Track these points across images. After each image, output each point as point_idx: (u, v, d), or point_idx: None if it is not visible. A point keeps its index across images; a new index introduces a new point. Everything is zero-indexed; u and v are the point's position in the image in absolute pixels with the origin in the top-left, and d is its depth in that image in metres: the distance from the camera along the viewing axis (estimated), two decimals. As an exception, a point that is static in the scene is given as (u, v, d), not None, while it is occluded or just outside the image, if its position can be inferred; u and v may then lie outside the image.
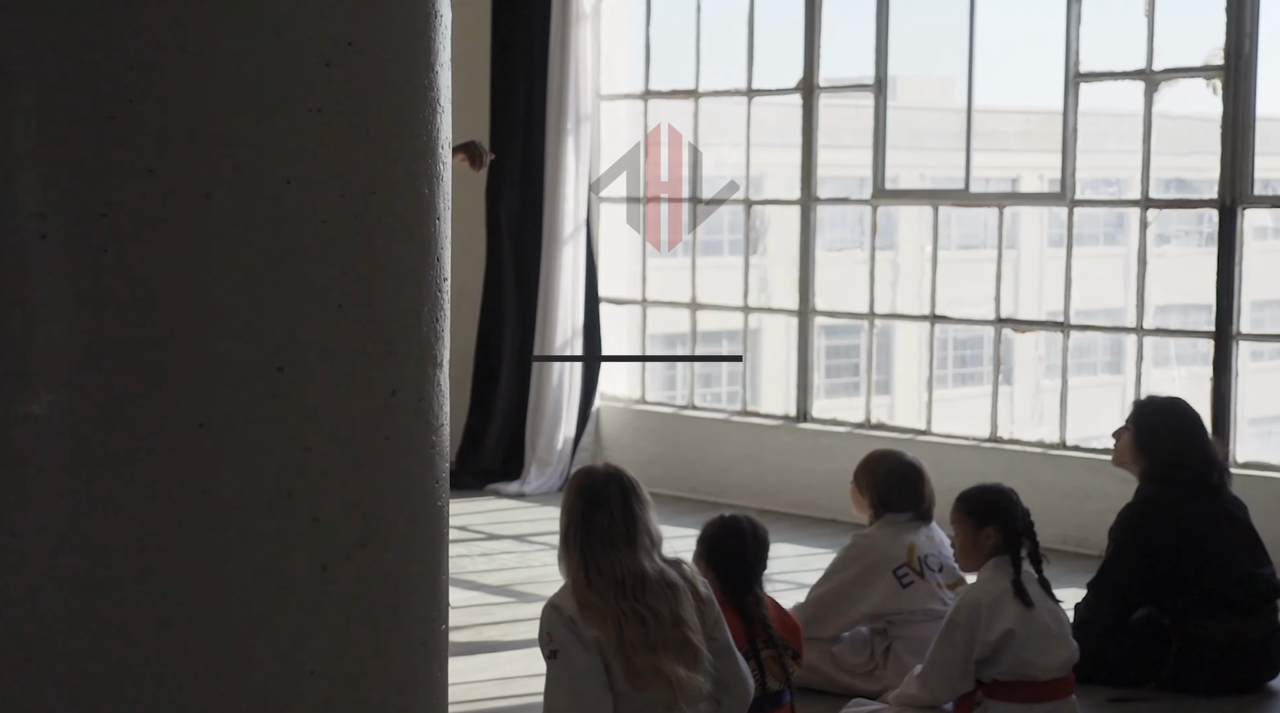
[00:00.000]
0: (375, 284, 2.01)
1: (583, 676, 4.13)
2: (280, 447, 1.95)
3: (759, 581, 4.90)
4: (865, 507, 5.66)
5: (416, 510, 2.09)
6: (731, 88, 9.31)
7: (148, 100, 1.88)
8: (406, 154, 2.04)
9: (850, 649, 5.57)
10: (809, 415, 8.99)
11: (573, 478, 4.42)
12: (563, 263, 9.35)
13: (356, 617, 2.02)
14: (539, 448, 9.43)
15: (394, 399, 2.04)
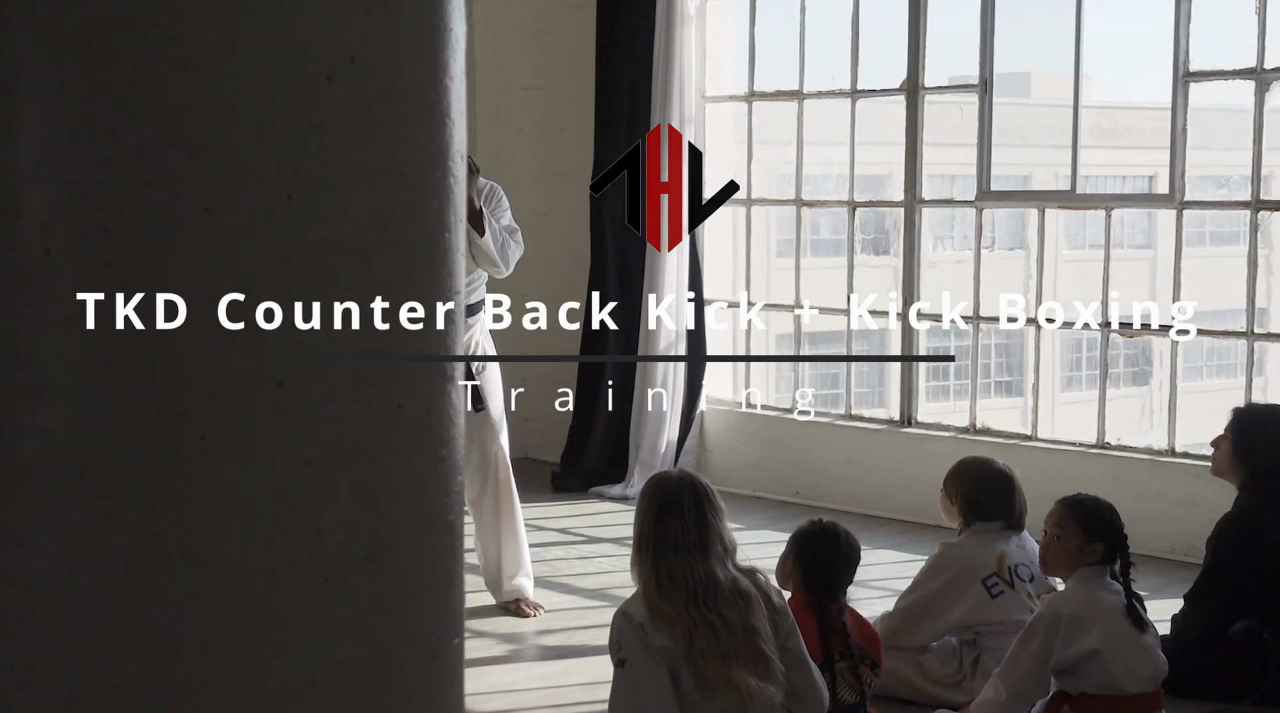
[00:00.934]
0: (384, 298, 2.00)
1: (649, 687, 4.11)
2: (282, 460, 1.95)
3: (843, 590, 4.86)
4: (955, 515, 5.59)
5: (424, 524, 2.07)
6: (836, 89, 9.23)
7: (149, 115, 1.88)
8: (412, 168, 2.02)
9: (938, 660, 5.51)
10: (913, 420, 8.91)
11: (647, 484, 4.41)
12: (667, 265, 9.33)
13: (361, 631, 2.02)
14: (643, 451, 9.42)
15: (400, 413, 2.03)
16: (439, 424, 2.09)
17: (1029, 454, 8.32)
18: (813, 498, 9.13)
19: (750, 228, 9.75)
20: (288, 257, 1.94)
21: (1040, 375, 8.80)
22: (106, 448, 1.91)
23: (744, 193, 9.70)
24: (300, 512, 1.96)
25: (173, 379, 1.91)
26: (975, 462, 5.68)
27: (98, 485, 1.91)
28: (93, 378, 1.91)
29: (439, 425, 2.09)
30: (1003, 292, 8.59)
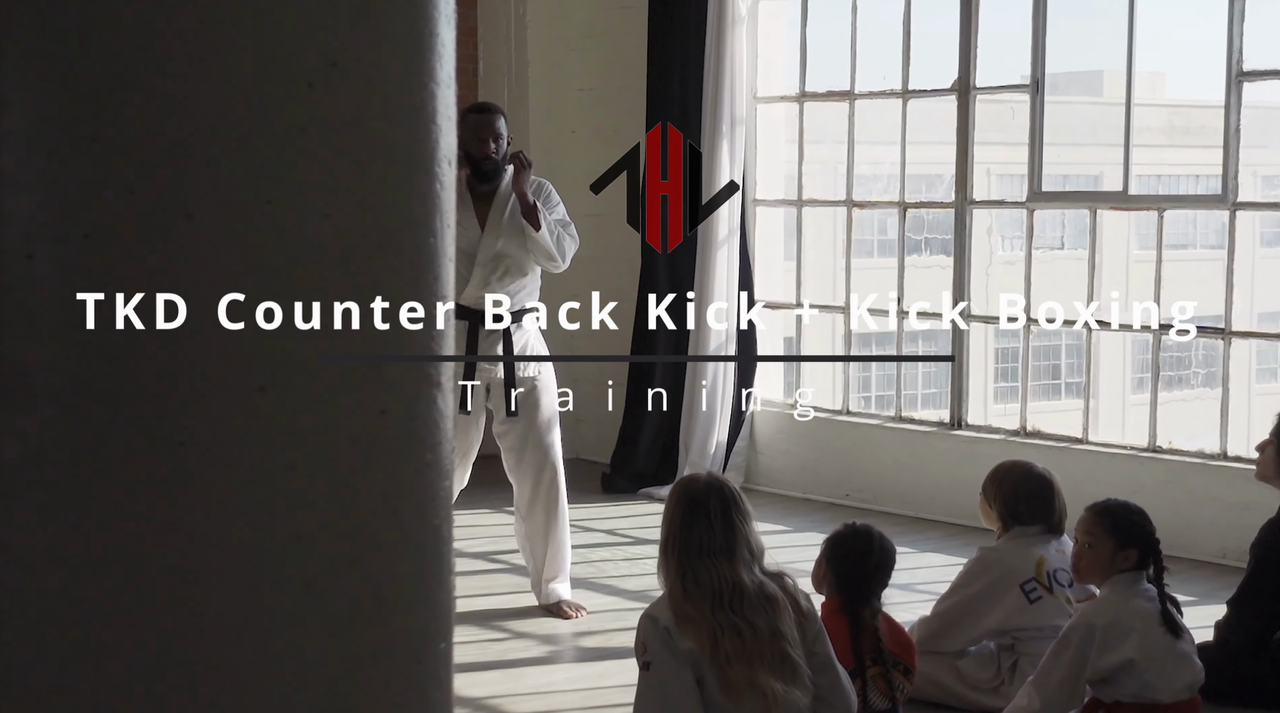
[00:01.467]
0: (365, 304, 2.00)
1: (673, 690, 4.11)
2: (262, 465, 1.96)
3: (876, 595, 4.83)
4: (994, 519, 5.55)
5: (408, 529, 2.08)
6: (887, 89, 9.19)
7: (129, 121, 1.89)
8: (395, 173, 2.03)
9: (976, 665, 5.47)
10: (963, 422, 8.85)
11: (674, 487, 4.40)
12: (717, 266, 9.32)
13: (343, 635, 2.02)
14: (692, 451, 9.41)
15: (382, 418, 2.03)
16: (424, 429, 2.09)
17: (1080, 457, 8.26)
18: (863, 500, 9.10)
19: (801, 228, 9.72)
20: (268, 262, 1.95)
21: (1103, 377, 8.73)
22: (87, 452, 1.92)
23: (795, 193, 9.68)
24: (281, 516, 1.97)
25: (153, 383, 1.92)
26: (1014, 465, 5.64)
27: (78, 489, 1.93)
28: (74, 382, 1.92)
29: (424, 430, 2.09)
30: (1054, 293, 8.53)
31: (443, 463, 2.14)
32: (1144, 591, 4.84)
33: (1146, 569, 4.82)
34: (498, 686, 5.83)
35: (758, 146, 9.62)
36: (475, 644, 6.39)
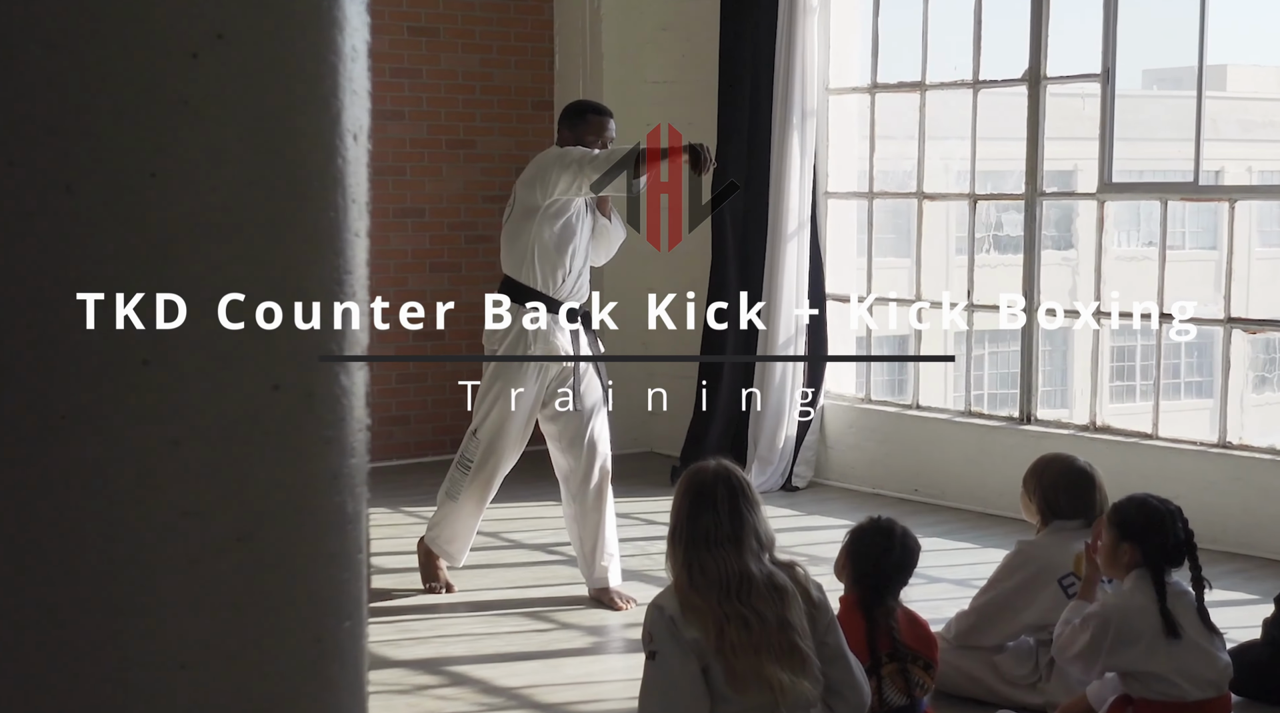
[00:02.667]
0: (250, 278, 1.99)
1: (678, 679, 4.07)
2: (147, 440, 1.95)
3: (894, 592, 4.76)
4: (1033, 513, 5.46)
5: (304, 506, 2.06)
6: (958, 79, 9.08)
7: (8, 93, 1.89)
8: (289, 147, 2.01)
9: (1013, 660, 5.38)
10: (1032, 417, 8.73)
11: (683, 475, 4.36)
12: (786, 259, 9.26)
13: (233, 612, 2.01)
14: (760, 446, 9.35)
15: (275, 393, 2.02)
16: (322, 406, 2.07)
17: (1149, 453, 8.12)
18: (931, 496, 9.00)
19: (872, 221, 9.62)
20: (152, 234, 1.94)
21: (1159, 372, 8.56)
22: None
23: (865, 186, 9.59)
24: (166, 492, 1.96)
25: (32, 357, 1.92)
26: (1055, 458, 5.54)
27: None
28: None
29: (322, 407, 2.07)
30: (1124, 291, 8.38)
31: (348, 440, 2.12)
32: (1172, 586, 4.74)
33: (1160, 573, 4.71)
34: (535, 676, 5.82)
35: (829, 138, 9.55)
36: (520, 635, 6.38)
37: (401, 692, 5.67)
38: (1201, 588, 4.78)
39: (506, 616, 6.66)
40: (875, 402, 9.55)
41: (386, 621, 6.54)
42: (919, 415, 9.25)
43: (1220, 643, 4.79)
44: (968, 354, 9.21)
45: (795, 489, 9.33)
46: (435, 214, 10.35)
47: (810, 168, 9.30)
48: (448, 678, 5.82)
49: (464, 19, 10.39)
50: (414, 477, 9.48)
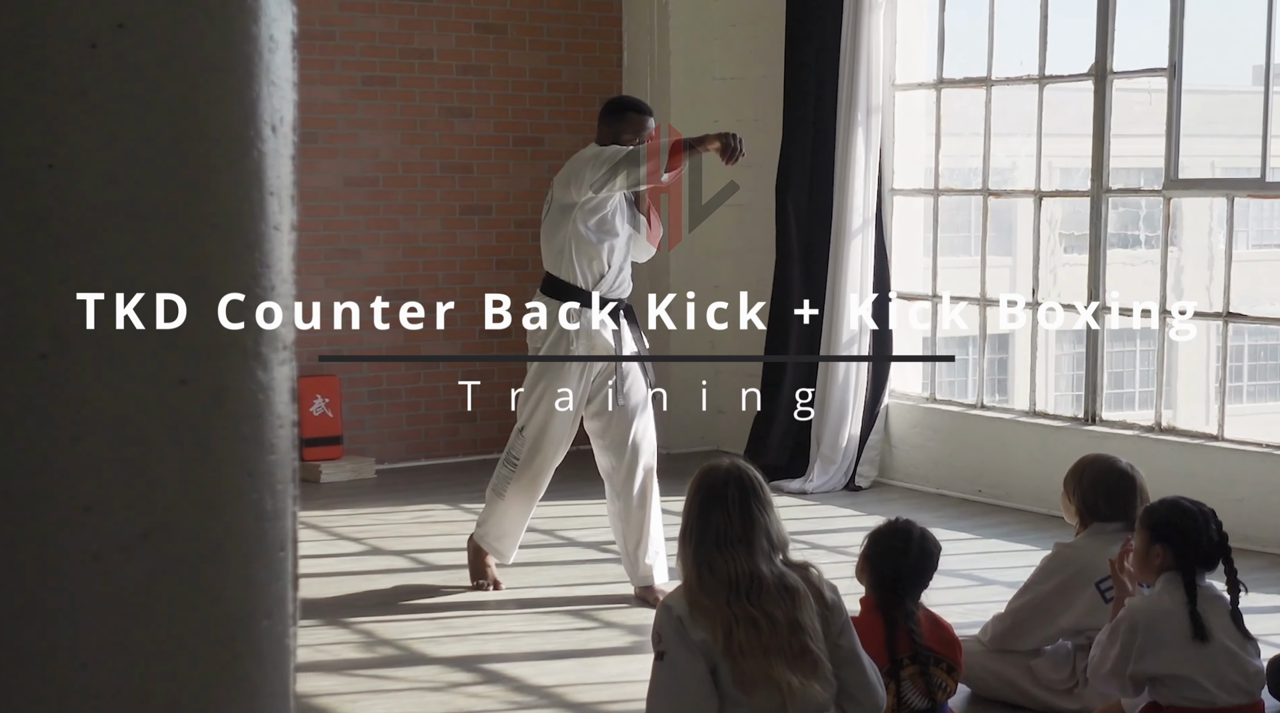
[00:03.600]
0: (153, 271, 1.95)
1: (686, 680, 4.02)
2: (45, 436, 1.91)
3: (913, 594, 4.69)
4: (1072, 515, 5.36)
5: (213, 503, 2.02)
6: (1023, 74, 8.95)
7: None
8: (196, 139, 1.97)
9: (1050, 664, 5.29)
10: (1097, 418, 8.59)
11: (696, 474, 4.30)
12: (850, 256, 9.17)
13: (137, 610, 1.97)
14: (824, 445, 9.27)
15: (183, 388, 1.98)
16: (235, 402, 2.04)
17: (1213, 455, 7.97)
18: (995, 496, 8.89)
19: (938, 219, 9.51)
20: (51, 227, 1.91)
21: (1226, 372, 8.38)
22: None
23: (931, 182, 9.47)
24: (66, 488, 1.93)
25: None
26: (1096, 459, 5.43)
27: None
28: None
29: (235, 404, 2.04)
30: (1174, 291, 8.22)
31: (266, 437, 2.09)
32: (1204, 589, 4.62)
33: (1191, 576, 4.60)
34: (570, 674, 5.79)
35: (895, 134, 9.45)
36: (560, 633, 6.35)
37: (434, 689, 5.66)
38: (1236, 592, 4.66)
39: (550, 613, 6.64)
40: (940, 401, 9.44)
41: (429, 617, 6.54)
42: (984, 415, 9.13)
43: (1254, 648, 4.67)
44: (1032, 353, 9.07)
45: (859, 489, 9.25)
46: (502, 211, 10.35)
47: (875, 164, 9.21)
48: (482, 676, 5.80)
49: (532, 16, 10.38)
50: (478, 473, 9.48)
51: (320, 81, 9.73)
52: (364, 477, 9.58)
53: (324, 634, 6.28)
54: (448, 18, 10.11)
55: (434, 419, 10.15)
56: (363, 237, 9.92)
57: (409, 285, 10.05)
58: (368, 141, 9.91)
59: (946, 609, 6.54)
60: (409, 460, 10.07)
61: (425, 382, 10.14)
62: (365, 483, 9.47)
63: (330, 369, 9.75)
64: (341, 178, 9.84)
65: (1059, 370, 22.18)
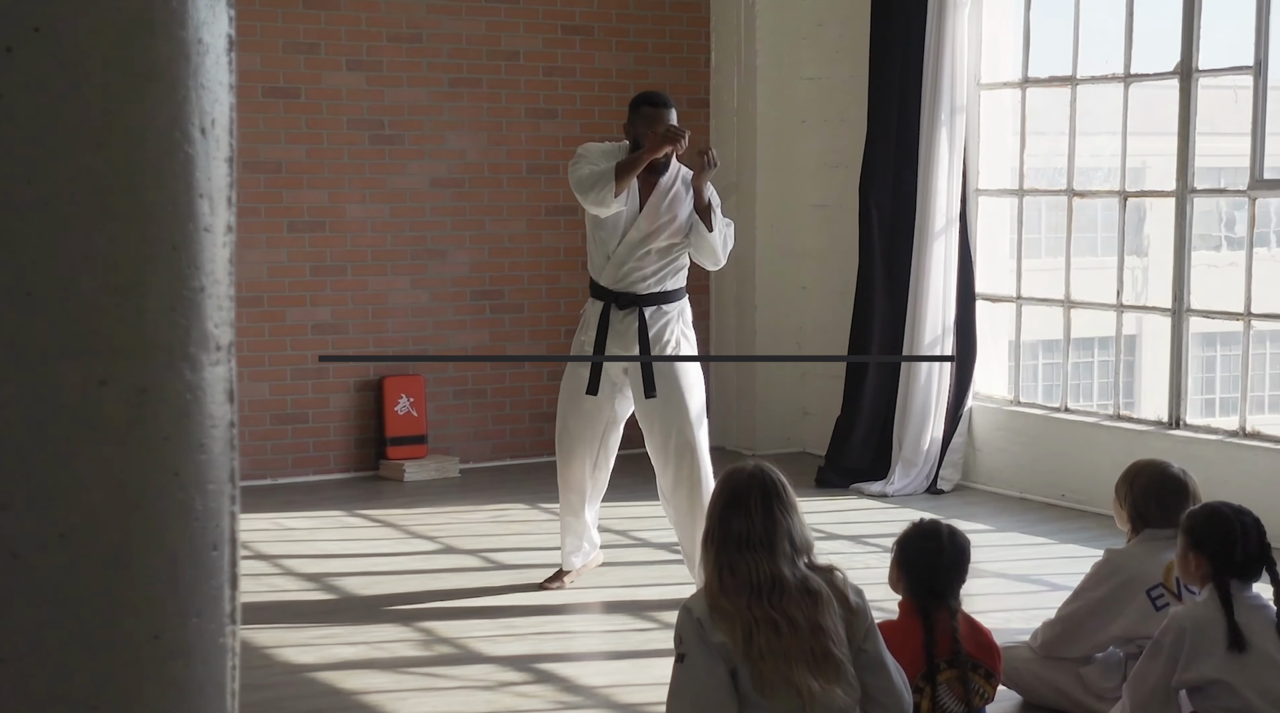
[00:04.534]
0: (75, 273, 1.97)
1: (705, 683, 4.01)
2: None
3: (952, 593, 4.64)
4: (1124, 521, 5.27)
5: (137, 503, 2.04)
6: (1109, 73, 8.82)
7: None
8: (117, 142, 1.99)
9: (1100, 672, 5.21)
10: (1182, 422, 8.45)
11: (720, 476, 4.29)
12: (933, 257, 9.09)
13: (57, 608, 1.99)
14: (905, 448, 9.20)
15: (103, 388, 2.00)
16: (159, 402, 2.06)
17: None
18: (1078, 501, 8.76)
19: (1022, 220, 9.39)
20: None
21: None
22: None
23: (1016, 182, 9.36)
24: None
25: None
26: (1147, 465, 5.34)
27: None
28: None
29: (159, 403, 2.05)
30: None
31: (195, 437, 2.10)
32: (1247, 599, 4.53)
33: (1226, 585, 4.50)
34: (619, 675, 5.79)
35: (980, 134, 9.35)
36: (617, 634, 6.36)
37: (484, 688, 5.68)
38: (1229, 593, 4.54)
39: (612, 614, 6.64)
40: (1024, 404, 9.32)
41: (491, 617, 6.57)
42: (1068, 419, 9.01)
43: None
44: (1116, 357, 8.94)
45: (940, 492, 9.16)
46: (588, 212, 10.35)
47: (959, 164, 9.12)
48: (533, 675, 5.82)
49: (619, 17, 10.39)
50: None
51: (407, 84, 9.81)
52: (447, 476, 9.63)
53: (383, 632, 6.33)
54: (534, 19, 10.15)
55: (519, 419, 10.19)
56: (449, 237, 9.99)
57: (494, 286, 10.10)
58: (454, 143, 9.97)
59: (1011, 614, 6.50)
60: (493, 460, 10.11)
61: (511, 381, 10.19)
62: (448, 482, 9.53)
63: (415, 369, 9.83)
64: (428, 179, 9.91)
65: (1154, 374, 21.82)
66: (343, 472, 9.72)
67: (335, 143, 9.65)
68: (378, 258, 9.79)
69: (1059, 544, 8.01)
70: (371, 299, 9.79)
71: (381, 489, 9.35)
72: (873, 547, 7.81)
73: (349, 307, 9.73)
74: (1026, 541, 8.15)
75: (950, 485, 9.22)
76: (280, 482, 9.49)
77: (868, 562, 7.33)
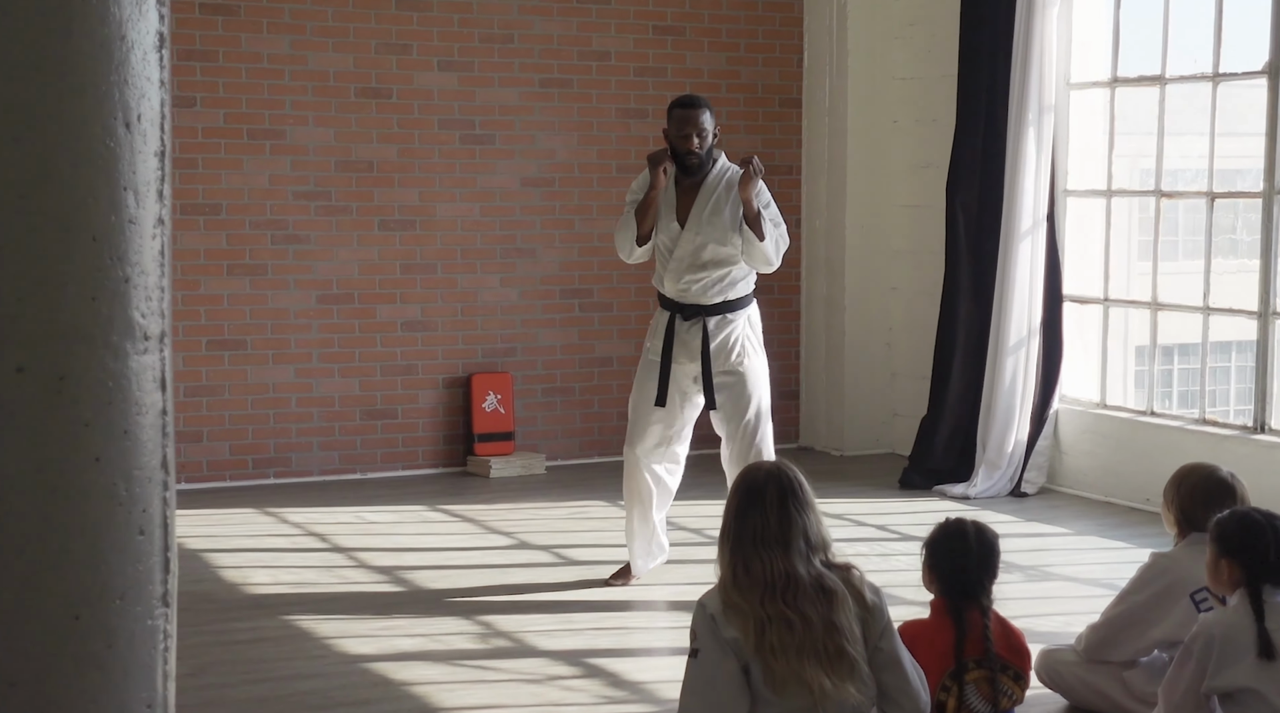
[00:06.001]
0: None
1: (718, 679, 4.03)
2: (-117, 420, 2.02)
3: (985, 592, 4.61)
4: (1171, 524, 5.21)
5: (56, 487, 2.11)
6: (1197, 72, 8.69)
7: None
8: (33, 135, 2.06)
9: (1144, 677, 5.15)
10: (1266, 426, 8.30)
11: (739, 474, 4.30)
12: (1019, 258, 9.02)
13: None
14: (989, 450, 9.13)
15: (20, 376, 2.07)
16: (78, 389, 2.12)
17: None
18: (1160, 506, 8.62)
19: (1110, 221, 9.28)
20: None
21: None
22: None
23: (1104, 183, 9.25)
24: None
25: None
26: (1195, 468, 5.27)
27: None
28: None
29: (78, 390, 2.12)
30: None
31: (118, 424, 2.16)
32: (1278, 605, 4.45)
33: (1258, 591, 4.42)
34: (668, 672, 5.79)
35: (1069, 134, 9.25)
36: (671, 631, 6.38)
37: (532, 681, 5.73)
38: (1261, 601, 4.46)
39: (671, 612, 6.67)
40: (1110, 407, 9.21)
41: (552, 612, 6.62)
42: (1153, 422, 8.88)
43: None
44: (1203, 360, 8.80)
45: (1024, 495, 9.07)
46: (678, 211, 10.38)
47: (1047, 164, 9.03)
48: (583, 670, 5.86)
49: (711, 18, 10.41)
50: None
51: (498, 84, 9.89)
52: (534, 473, 9.71)
53: (444, 625, 6.41)
54: (626, 20, 10.20)
55: (607, 417, 10.24)
56: (538, 236, 10.06)
57: (583, 284, 10.16)
58: (545, 143, 10.05)
59: (1071, 618, 6.43)
60: (580, 458, 10.17)
61: (599, 380, 10.24)
62: (534, 479, 9.60)
63: (504, 366, 9.92)
64: (518, 178, 9.99)
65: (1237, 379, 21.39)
66: (431, 467, 9.83)
67: (426, 143, 9.76)
68: (467, 256, 9.89)
69: (1135, 549, 7.90)
70: (461, 297, 9.89)
71: (467, 485, 9.44)
72: (944, 548, 7.75)
73: (438, 304, 9.84)
74: (1103, 545, 8.06)
75: (1034, 488, 9.14)
76: (369, 476, 9.62)
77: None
